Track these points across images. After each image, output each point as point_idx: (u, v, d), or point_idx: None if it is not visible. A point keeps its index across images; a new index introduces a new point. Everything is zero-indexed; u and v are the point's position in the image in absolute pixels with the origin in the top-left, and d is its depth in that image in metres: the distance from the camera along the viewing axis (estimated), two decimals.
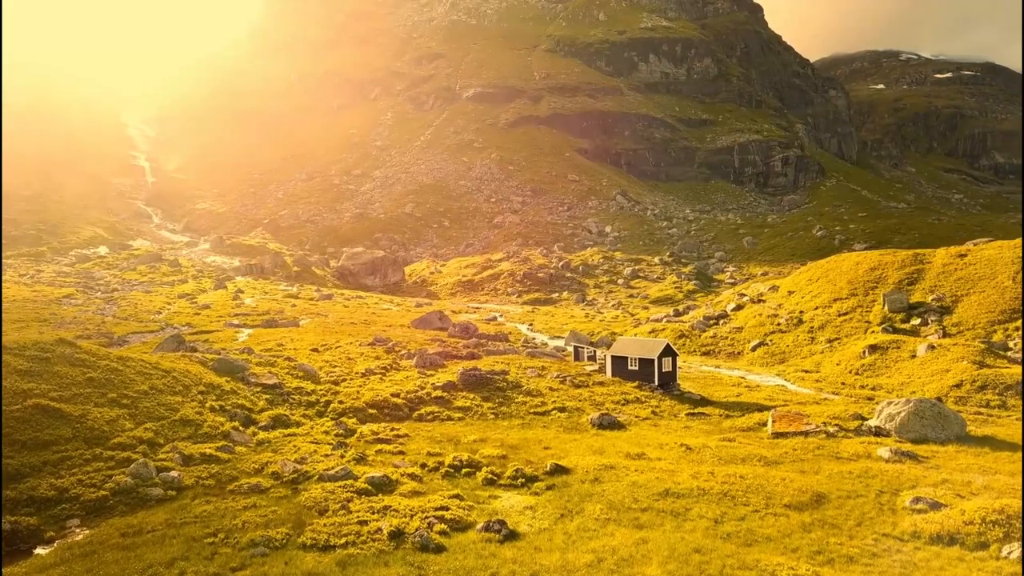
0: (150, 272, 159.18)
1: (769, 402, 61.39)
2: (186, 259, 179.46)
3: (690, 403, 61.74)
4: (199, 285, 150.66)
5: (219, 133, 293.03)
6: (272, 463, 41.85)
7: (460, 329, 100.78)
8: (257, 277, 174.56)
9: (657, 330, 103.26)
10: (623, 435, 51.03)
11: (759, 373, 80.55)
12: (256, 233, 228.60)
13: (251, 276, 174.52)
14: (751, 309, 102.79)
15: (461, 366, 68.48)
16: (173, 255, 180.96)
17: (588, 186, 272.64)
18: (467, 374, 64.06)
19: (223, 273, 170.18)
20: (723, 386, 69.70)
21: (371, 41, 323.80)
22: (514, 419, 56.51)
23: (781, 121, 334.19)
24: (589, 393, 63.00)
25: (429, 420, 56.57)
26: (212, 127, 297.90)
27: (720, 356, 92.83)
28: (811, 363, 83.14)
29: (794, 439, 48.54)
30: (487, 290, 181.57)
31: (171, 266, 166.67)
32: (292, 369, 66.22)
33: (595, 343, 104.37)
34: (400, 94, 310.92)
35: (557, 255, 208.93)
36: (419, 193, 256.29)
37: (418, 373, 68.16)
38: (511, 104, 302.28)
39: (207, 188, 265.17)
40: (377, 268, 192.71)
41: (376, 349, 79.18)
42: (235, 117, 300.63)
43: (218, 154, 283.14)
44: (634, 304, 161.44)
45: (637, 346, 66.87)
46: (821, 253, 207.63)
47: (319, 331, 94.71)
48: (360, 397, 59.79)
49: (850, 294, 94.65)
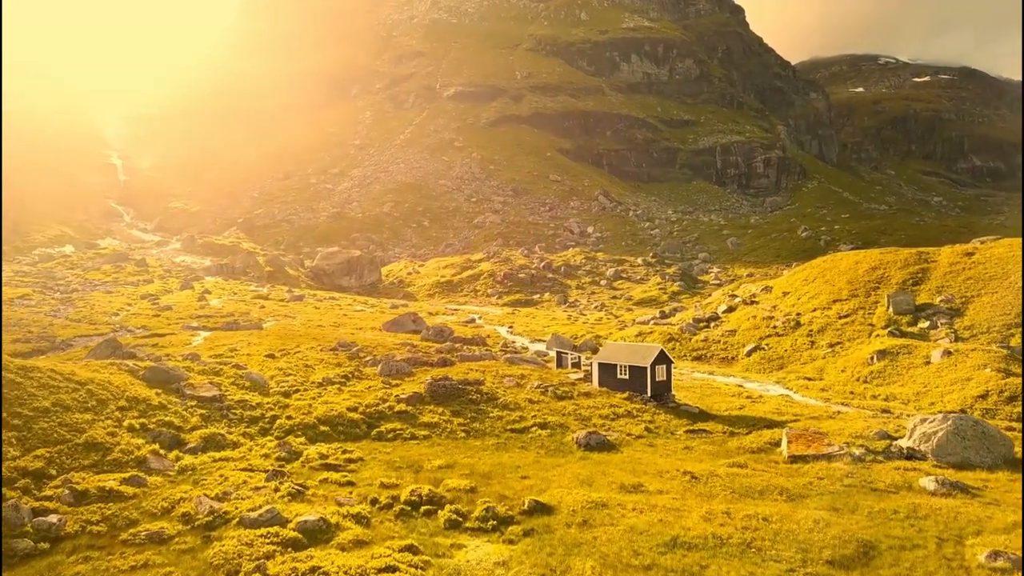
0: (115, 272, 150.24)
1: (777, 416, 53.41)
2: (154, 259, 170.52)
3: (688, 417, 53.63)
4: (165, 285, 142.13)
5: (195, 131, 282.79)
6: (187, 500, 33.32)
7: (434, 332, 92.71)
8: (227, 277, 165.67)
9: (644, 333, 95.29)
10: (614, 458, 42.82)
11: (757, 380, 72.65)
12: (230, 232, 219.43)
13: (221, 276, 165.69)
14: (744, 311, 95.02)
15: (431, 375, 60.15)
16: (141, 254, 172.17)
17: (570, 186, 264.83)
18: (436, 384, 55.71)
19: (192, 273, 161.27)
20: (722, 396, 61.69)
21: (350, 39, 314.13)
22: (488, 438, 48.21)
23: (763, 123, 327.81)
24: (574, 406, 54.74)
25: (390, 439, 48.17)
26: (188, 125, 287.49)
27: (713, 361, 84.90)
28: (812, 369, 75.34)
29: (816, 464, 40.52)
30: (466, 291, 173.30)
31: (138, 266, 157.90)
32: (238, 378, 57.64)
33: (578, 347, 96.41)
34: (380, 93, 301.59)
35: (538, 255, 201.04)
36: (398, 192, 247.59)
37: (382, 383, 59.78)
38: (492, 103, 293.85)
39: (181, 187, 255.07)
40: (353, 268, 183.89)
41: (338, 355, 70.81)
42: (212, 115, 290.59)
43: (193, 152, 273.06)
44: (617, 305, 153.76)
45: (627, 352, 58.72)
46: (807, 254, 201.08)
47: (281, 335, 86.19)
48: (312, 412, 51.30)
49: (850, 295, 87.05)
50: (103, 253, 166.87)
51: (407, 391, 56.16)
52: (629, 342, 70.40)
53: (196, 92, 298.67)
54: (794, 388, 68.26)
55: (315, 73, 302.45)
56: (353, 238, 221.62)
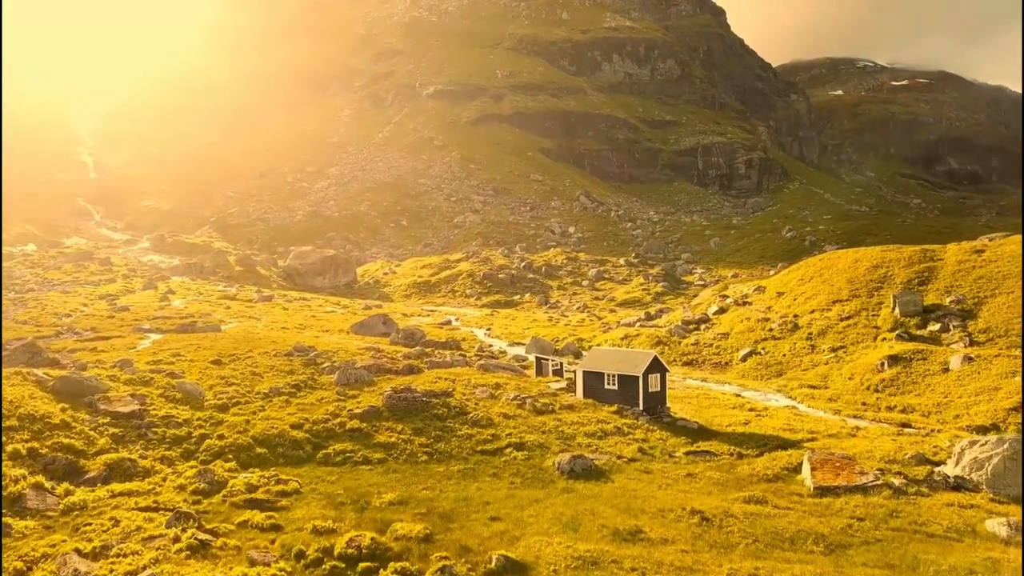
0: (76, 271, 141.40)
1: (789, 433, 45.66)
2: (120, 258, 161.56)
3: (687, 435, 45.73)
4: (127, 285, 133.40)
5: (169, 129, 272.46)
6: (51, 557, 25.04)
7: (404, 335, 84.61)
8: (195, 277, 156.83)
9: (630, 336, 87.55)
10: (605, 490, 34.87)
11: (757, 389, 65.03)
12: (202, 232, 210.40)
13: (189, 276, 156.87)
14: (736, 312, 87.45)
15: (393, 384, 52.05)
16: (107, 253, 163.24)
17: (551, 186, 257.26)
18: (397, 397, 47.57)
19: (158, 273, 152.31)
20: (721, 408, 53.90)
21: (329, 36, 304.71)
22: (454, 462, 40.13)
23: (744, 124, 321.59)
24: (555, 422, 46.71)
25: (338, 463, 39.99)
26: (161, 123, 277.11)
27: (705, 367, 77.22)
28: (815, 376, 67.80)
29: (849, 499, 32.75)
30: (444, 292, 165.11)
31: (101, 265, 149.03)
32: (169, 389, 49.31)
33: (560, 351, 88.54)
34: (358, 91, 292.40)
35: (519, 255, 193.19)
36: (376, 191, 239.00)
37: (337, 394, 51.60)
38: (473, 102, 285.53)
39: (153, 185, 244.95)
40: (327, 268, 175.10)
41: (293, 361, 62.61)
42: (186, 112, 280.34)
43: (167, 150, 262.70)
44: (600, 306, 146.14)
45: (616, 359, 50.80)
46: (792, 254, 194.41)
47: (238, 338, 77.85)
48: (249, 429, 43.04)
49: (851, 295, 79.65)
50: (66, 252, 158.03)
51: (363, 404, 48.02)
52: (618, 348, 62.27)
53: (171, 89, 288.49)
54: (798, 398, 60.67)
55: (293, 70, 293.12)
56: (329, 237, 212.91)
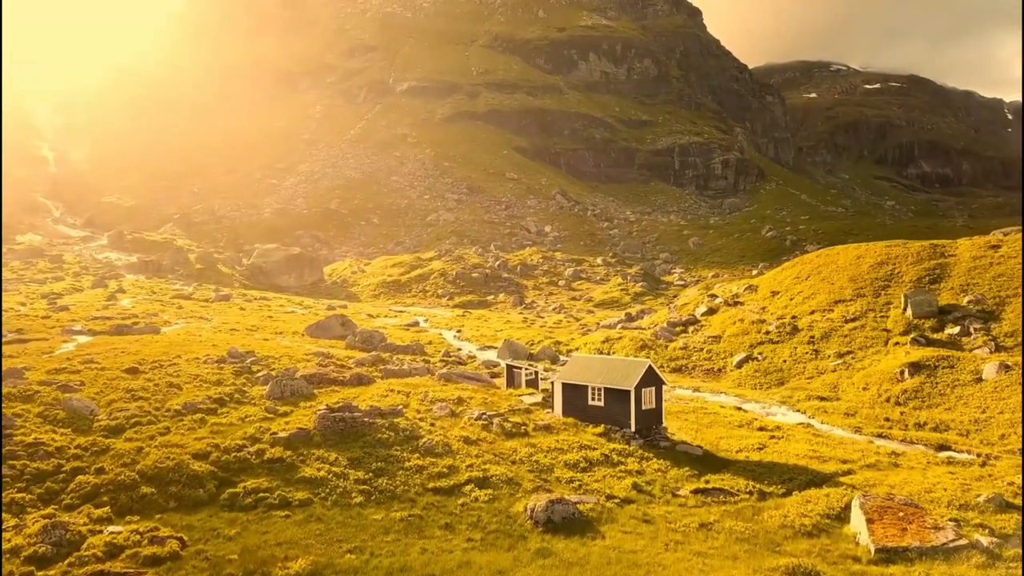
0: (23, 268, 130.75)
1: (817, 463, 36.52)
2: (74, 255, 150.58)
3: (691, 464, 36.42)
4: (75, 284, 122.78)
5: (134, 123, 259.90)
6: None
7: (361, 338, 74.83)
8: (151, 276, 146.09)
9: (612, 339, 78.30)
10: (593, 552, 25.43)
11: (758, 400, 55.99)
12: (166, 229, 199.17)
13: (145, 274, 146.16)
14: (727, 313, 78.51)
15: (330, 401, 42.39)
16: (60, 251, 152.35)
17: (527, 185, 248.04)
18: (332, 417, 37.84)
19: (112, 271, 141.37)
20: (725, 427, 44.71)
21: (300, 31, 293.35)
22: (397, 505, 30.53)
23: (720, 124, 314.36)
24: (529, 448, 37.21)
25: (246, 507, 30.25)
26: (126, 117, 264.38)
27: (696, 374, 68.15)
28: (822, 385, 58.89)
29: (930, 566, 23.54)
30: (415, 291, 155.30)
31: (51, 262, 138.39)
32: (53, 407, 39.32)
33: (535, 355, 79.01)
34: (330, 87, 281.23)
35: (494, 254, 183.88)
36: (347, 189, 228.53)
37: (265, 411, 41.79)
38: (447, 99, 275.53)
39: (116, 181, 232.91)
40: (292, 267, 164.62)
41: (223, 369, 52.77)
42: (152, 107, 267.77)
43: (131, 145, 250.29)
44: (577, 307, 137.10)
45: (601, 369, 41.38)
46: (773, 254, 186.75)
47: (174, 341, 67.79)
48: (139, 460, 33.15)
49: (855, 295, 70.97)
50: (15, 249, 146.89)
51: (292, 425, 38.24)
52: (603, 355, 52.30)
53: (137, 83, 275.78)
54: (808, 412, 51.67)
55: (263, 65, 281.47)
56: (297, 236, 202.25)
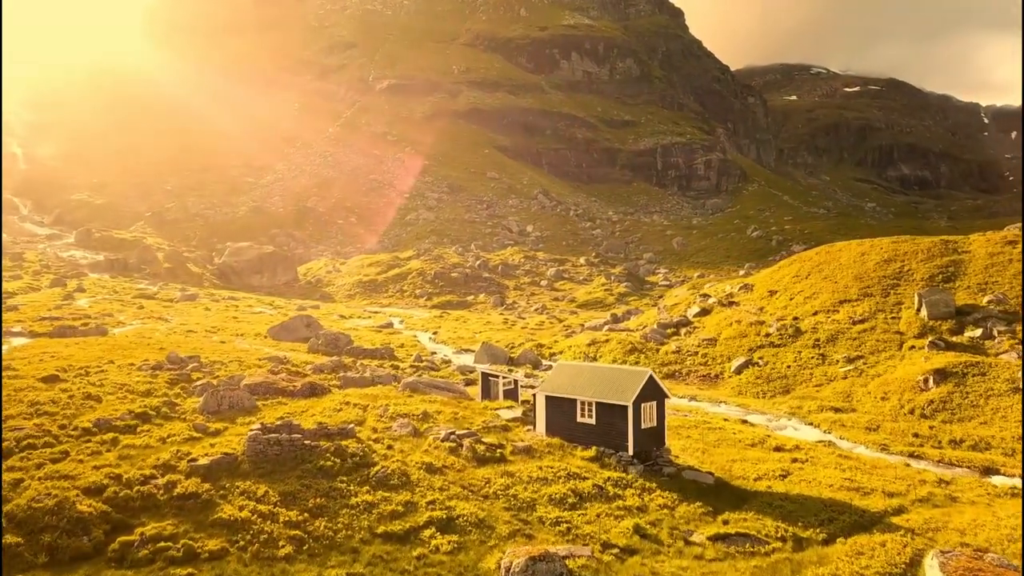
0: None
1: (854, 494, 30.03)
2: (37, 253, 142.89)
3: (703, 498, 29.70)
4: (33, 283, 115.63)
5: (106, 120, 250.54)
6: None
7: (326, 341, 67.69)
8: (117, 274, 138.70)
9: (598, 341, 71.54)
10: None
11: (763, 411, 49.41)
12: (137, 227, 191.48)
13: (110, 273, 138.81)
14: (722, 314, 72.00)
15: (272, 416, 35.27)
16: (23, 248, 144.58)
17: (508, 184, 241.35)
18: (265, 439, 30.70)
19: (75, 269, 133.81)
20: (736, 447, 38.08)
21: (278, 28, 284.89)
22: (334, 558, 23.66)
23: (703, 125, 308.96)
24: (505, 478, 30.31)
25: (141, 563, 23.35)
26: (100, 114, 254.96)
27: (691, 380, 61.53)
28: (833, 394, 52.42)
29: None
30: (392, 292, 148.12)
31: (11, 260, 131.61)
32: None
33: (515, 359, 72.29)
34: (309, 84, 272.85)
35: (474, 254, 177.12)
36: (325, 187, 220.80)
37: (193, 428, 34.73)
38: (428, 98, 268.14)
39: (88, 178, 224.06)
40: (265, 266, 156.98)
41: (158, 377, 45.69)
42: (125, 103, 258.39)
43: (104, 142, 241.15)
44: (560, 308, 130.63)
45: (592, 380, 34.48)
46: (759, 254, 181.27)
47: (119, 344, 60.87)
48: (13, 498, 25.89)
49: (862, 294, 64.74)
50: None
51: (220, 448, 31.11)
52: (596, 363, 44.56)
53: (111, 79, 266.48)
54: (823, 426, 45.20)
55: (240, 61, 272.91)
56: (273, 234, 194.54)
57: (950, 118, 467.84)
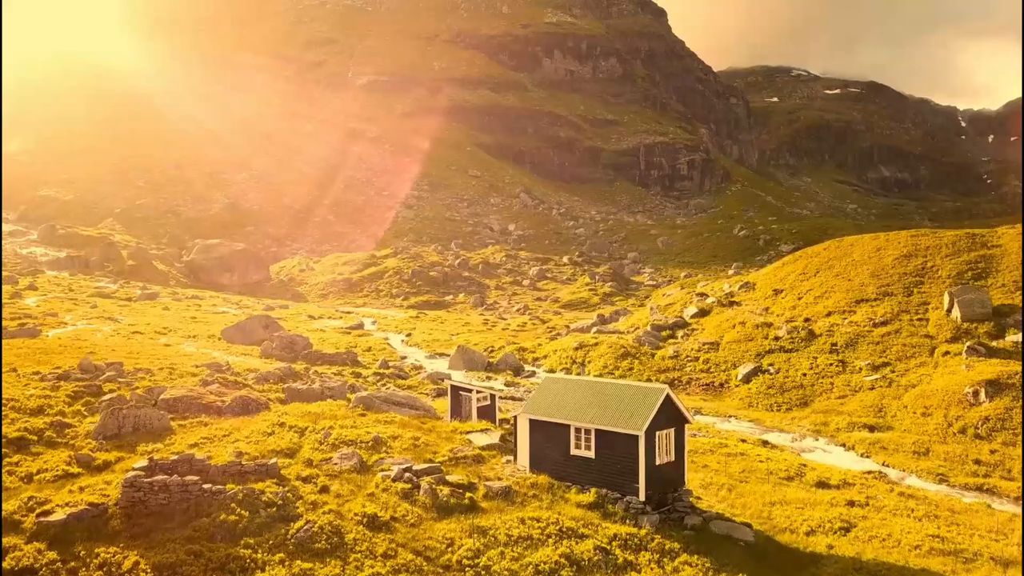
0: None
1: (951, 559, 21.98)
2: None
3: (745, 568, 21.65)
4: None
5: (77, 114, 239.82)
6: None
7: (281, 345, 59.27)
8: (76, 272, 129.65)
9: (586, 345, 63.50)
10: None
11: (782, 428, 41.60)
12: (105, 224, 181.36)
13: (70, 271, 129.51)
14: (723, 315, 64.21)
15: (187, 440, 26.88)
16: None
17: (490, 182, 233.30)
18: (147, 484, 22.26)
19: (31, 267, 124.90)
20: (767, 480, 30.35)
21: (256, 22, 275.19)
22: None
23: (686, 125, 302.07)
24: (474, 540, 22.15)
25: None
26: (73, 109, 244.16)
27: (693, 389, 53.63)
28: (862, 408, 44.69)
29: None
30: (367, 291, 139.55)
31: None
32: None
33: (495, 364, 64.15)
34: (287, 80, 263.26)
35: (454, 252, 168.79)
36: (302, 184, 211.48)
37: (73, 459, 26.38)
38: (408, 94, 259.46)
39: (57, 173, 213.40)
40: (235, 264, 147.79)
41: (59, 389, 37.63)
42: (98, 98, 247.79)
43: (76, 137, 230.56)
44: (543, 308, 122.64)
45: (590, 399, 26.25)
46: (747, 253, 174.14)
47: (42, 348, 52.61)
48: None
49: (881, 293, 57.23)
50: None
51: (88, 495, 22.66)
52: (594, 378, 35.03)
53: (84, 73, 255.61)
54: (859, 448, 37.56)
55: (217, 56, 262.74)
56: (247, 232, 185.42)
57: (928, 121, 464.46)
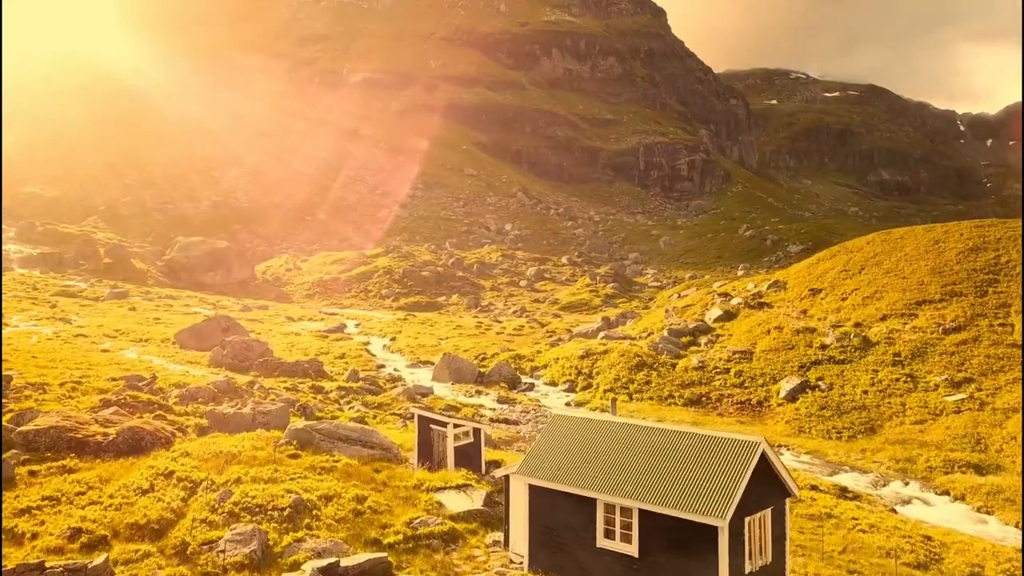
0: None
1: None
2: None
3: None
4: None
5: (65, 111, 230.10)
6: None
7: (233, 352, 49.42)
8: (47, 270, 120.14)
9: (593, 352, 53.42)
10: None
11: (852, 464, 31.92)
12: (89, 222, 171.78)
13: (41, 268, 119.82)
14: (752, 318, 54.18)
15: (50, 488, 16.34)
16: None
17: (486, 181, 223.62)
18: None
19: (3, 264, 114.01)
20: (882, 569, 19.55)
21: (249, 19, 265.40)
22: None
23: (685, 125, 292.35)
24: None
25: None
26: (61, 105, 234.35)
27: (726, 408, 43.58)
28: (951, 438, 34.87)
29: None
30: (355, 291, 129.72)
31: None
32: None
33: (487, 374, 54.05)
34: (280, 76, 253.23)
35: (448, 252, 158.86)
36: (293, 182, 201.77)
37: None
38: (404, 92, 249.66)
39: (41, 170, 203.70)
40: (218, 262, 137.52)
41: None
42: (87, 93, 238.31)
43: (63, 134, 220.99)
44: (541, 310, 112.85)
45: (627, 456, 15.67)
46: (754, 254, 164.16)
47: None
48: None
49: (947, 293, 47.30)
50: None
51: None
52: (635, 421, 23.60)
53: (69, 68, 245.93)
54: (970, 499, 27.74)
55: (208, 52, 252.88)
56: (234, 231, 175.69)
57: (927, 124, 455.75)
